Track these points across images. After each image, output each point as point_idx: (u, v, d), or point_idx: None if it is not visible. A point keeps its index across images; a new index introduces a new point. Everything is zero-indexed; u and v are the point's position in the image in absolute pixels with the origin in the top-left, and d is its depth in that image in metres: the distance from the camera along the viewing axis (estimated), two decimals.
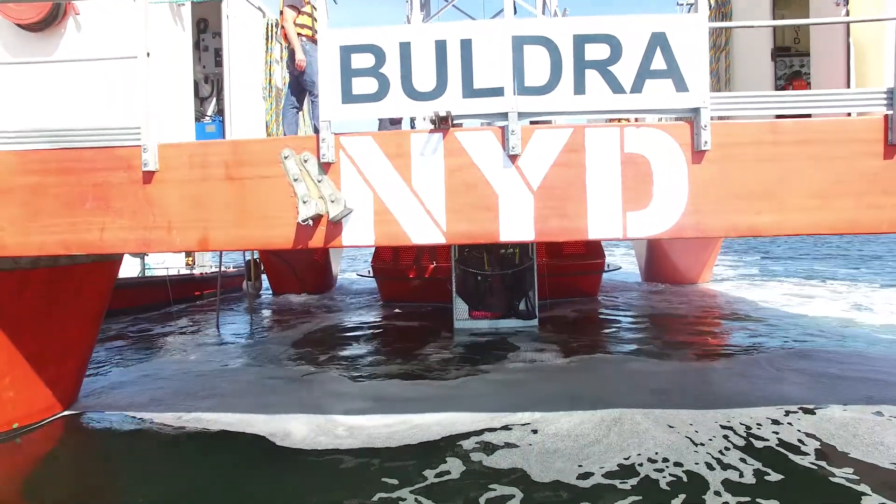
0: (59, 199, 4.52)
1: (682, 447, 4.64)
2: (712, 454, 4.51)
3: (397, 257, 13.70)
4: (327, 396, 6.30)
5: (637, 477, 4.16)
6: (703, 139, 4.19)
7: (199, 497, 4.11)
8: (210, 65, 8.27)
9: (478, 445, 4.81)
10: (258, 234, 4.45)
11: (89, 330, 6.36)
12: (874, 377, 6.44)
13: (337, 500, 3.95)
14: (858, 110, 4.33)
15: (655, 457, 4.48)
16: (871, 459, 4.37)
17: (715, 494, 3.87)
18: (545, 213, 4.28)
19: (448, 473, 4.35)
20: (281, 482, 4.27)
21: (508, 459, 4.52)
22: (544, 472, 4.26)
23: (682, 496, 3.87)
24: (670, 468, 4.29)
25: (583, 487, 4.03)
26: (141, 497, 4.06)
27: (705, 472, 4.22)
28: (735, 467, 4.28)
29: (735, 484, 4.02)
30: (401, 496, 3.99)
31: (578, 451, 4.62)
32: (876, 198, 4.22)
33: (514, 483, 4.14)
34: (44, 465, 4.98)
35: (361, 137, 4.38)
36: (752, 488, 3.96)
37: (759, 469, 4.24)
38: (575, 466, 4.35)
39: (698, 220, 4.28)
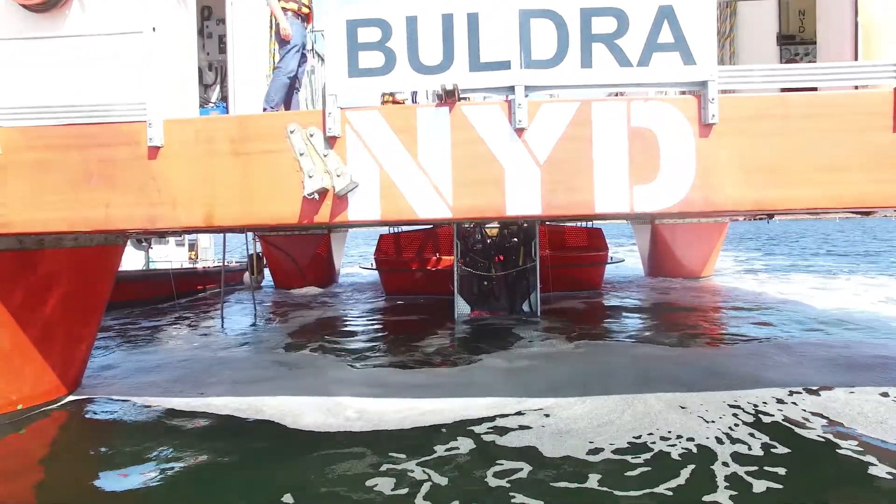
0: (63, 175, 4.51)
1: (692, 425, 4.65)
2: (722, 430, 4.52)
3: (400, 250, 13.69)
4: (334, 383, 6.25)
5: (649, 452, 4.15)
6: (711, 112, 4.16)
7: (212, 479, 4.04)
8: (214, 52, 8.26)
9: (490, 429, 4.78)
10: (264, 209, 4.43)
11: (93, 315, 6.35)
12: (883, 363, 6.41)
13: (349, 478, 3.91)
14: (866, 83, 4.30)
15: (668, 435, 4.47)
16: (876, 434, 4.38)
17: (723, 465, 3.88)
18: (552, 187, 4.26)
19: (457, 450, 4.34)
20: (295, 463, 4.21)
21: (520, 440, 4.51)
22: (555, 450, 4.25)
23: (692, 467, 3.87)
24: (682, 443, 4.29)
25: (593, 462, 4.02)
26: (148, 480, 4.02)
27: (715, 445, 4.22)
28: (744, 442, 4.27)
29: (743, 456, 4.02)
30: (407, 468, 3.98)
31: (591, 431, 4.60)
32: (884, 172, 4.20)
33: (524, 459, 4.12)
34: (47, 447, 4.94)
35: (368, 112, 4.37)
36: (760, 460, 3.96)
37: (766, 443, 4.24)
38: (586, 444, 4.34)
39: (706, 194, 4.26)
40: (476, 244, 10.80)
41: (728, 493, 3.50)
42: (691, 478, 3.74)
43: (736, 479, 3.68)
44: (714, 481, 3.67)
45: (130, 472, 4.14)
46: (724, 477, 3.72)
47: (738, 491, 3.54)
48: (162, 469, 4.18)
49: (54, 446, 4.95)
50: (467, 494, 3.61)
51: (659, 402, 5.16)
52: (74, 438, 5.08)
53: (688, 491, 3.57)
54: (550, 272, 11.17)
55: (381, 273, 13.95)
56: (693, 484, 3.66)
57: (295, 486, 3.79)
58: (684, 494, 3.53)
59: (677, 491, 3.57)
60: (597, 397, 5.37)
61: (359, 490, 3.70)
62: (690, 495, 3.51)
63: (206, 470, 4.19)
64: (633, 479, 3.75)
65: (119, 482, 4.07)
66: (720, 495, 3.48)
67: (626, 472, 3.83)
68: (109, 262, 6.47)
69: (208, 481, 4.01)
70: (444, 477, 3.87)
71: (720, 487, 3.58)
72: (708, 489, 3.57)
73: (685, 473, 3.79)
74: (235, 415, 5.31)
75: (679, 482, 3.68)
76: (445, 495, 3.61)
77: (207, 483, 3.98)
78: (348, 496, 3.64)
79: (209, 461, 4.32)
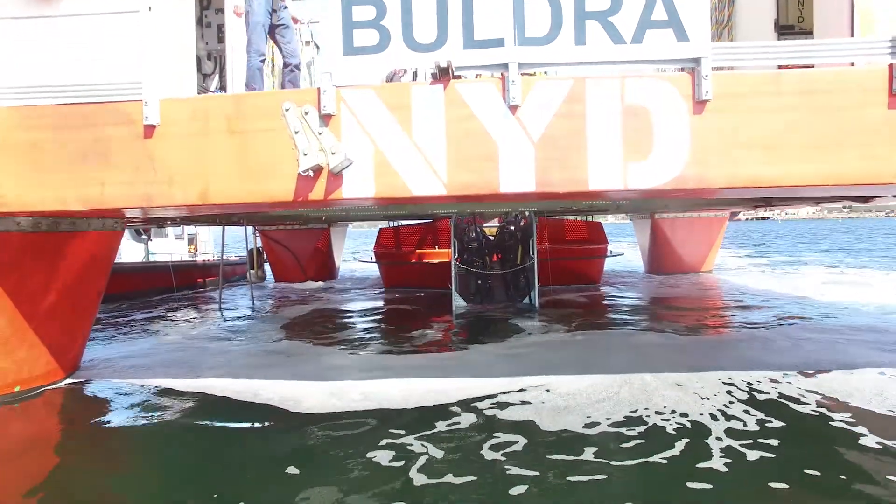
0: (59, 154, 4.53)
1: (688, 401, 4.68)
2: (717, 406, 4.54)
3: (399, 243, 13.71)
4: (334, 369, 6.22)
5: (644, 426, 4.18)
6: (705, 89, 4.17)
7: (211, 451, 4.04)
8: (213, 41, 8.28)
9: (492, 404, 4.80)
10: (259, 187, 4.45)
11: (90, 299, 6.37)
12: (881, 347, 6.41)
13: (349, 450, 3.91)
14: (862, 59, 4.30)
15: (663, 409, 4.50)
16: (869, 407, 4.42)
17: (717, 439, 3.88)
18: (546, 164, 4.27)
19: (458, 424, 4.36)
20: (296, 437, 4.19)
21: (519, 414, 4.54)
22: (553, 424, 4.28)
23: (686, 440, 3.88)
24: (676, 418, 4.31)
25: (589, 435, 4.05)
26: (146, 455, 4.02)
27: (709, 421, 4.23)
28: (738, 417, 4.29)
29: (738, 431, 4.04)
30: (407, 442, 4.00)
31: (588, 406, 4.63)
32: (879, 148, 4.20)
33: (522, 432, 4.15)
34: (45, 428, 4.94)
35: (363, 90, 4.38)
36: (754, 433, 3.97)
37: (760, 418, 4.26)
38: (583, 418, 4.37)
39: (699, 171, 4.26)
40: (472, 242, 10.75)
41: (722, 461, 3.52)
42: (686, 449, 3.75)
43: (730, 450, 3.70)
44: (709, 451, 3.69)
45: (128, 449, 4.15)
46: (718, 448, 3.73)
47: (732, 459, 3.55)
48: (160, 445, 4.19)
49: (51, 425, 4.97)
50: (463, 465, 3.62)
51: (655, 381, 5.19)
52: (72, 417, 5.10)
53: (682, 460, 3.59)
54: (550, 265, 11.16)
55: (381, 266, 13.96)
56: (687, 454, 3.67)
57: (295, 458, 3.79)
58: (678, 464, 3.54)
59: (671, 460, 3.59)
60: (595, 375, 5.39)
61: (358, 461, 3.72)
62: (684, 465, 3.53)
63: (205, 443, 4.20)
64: (627, 450, 3.77)
65: (117, 458, 4.08)
66: (714, 463, 3.50)
67: (621, 444, 3.86)
68: (107, 248, 6.48)
69: (207, 453, 4.01)
70: (441, 450, 3.88)
71: (715, 457, 3.59)
72: (702, 458, 3.59)
73: (679, 445, 3.80)
74: (234, 397, 5.28)
75: (674, 453, 3.70)
76: (442, 466, 3.63)
77: (206, 455, 3.98)
78: (346, 465, 3.65)
79: (208, 436, 4.33)
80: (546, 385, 5.23)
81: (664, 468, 3.50)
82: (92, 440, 4.50)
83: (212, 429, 4.50)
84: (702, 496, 3.15)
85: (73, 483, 3.62)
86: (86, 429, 4.75)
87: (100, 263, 6.42)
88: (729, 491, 3.20)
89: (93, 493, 3.46)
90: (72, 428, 4.85)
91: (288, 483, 3.48)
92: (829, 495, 3.16)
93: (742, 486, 3.26)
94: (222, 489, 3.38)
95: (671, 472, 3.45)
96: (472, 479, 3.42)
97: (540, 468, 3.54)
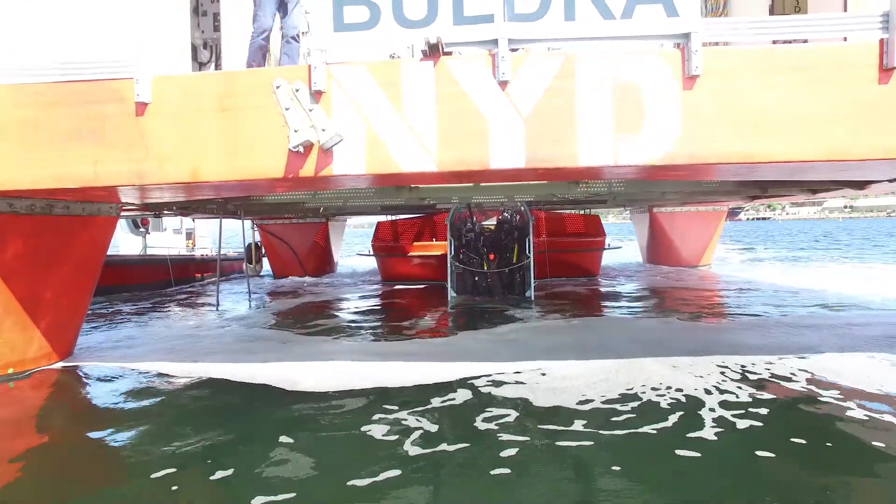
0: (51, 133, 4.54)
1: (683, 379, 4.71)
2: (710, 383, 4.57)
3: (397, 236, 13.71)
4: (331, 353, 6.19)
5: (638, 402, 4.20)
6: (695, 64, 4.17)
7: (208, 426, 3.99)
8: (209, 30, 8.29)
9: (490, 383, 4.81)
10: (250, 164, 4.45)
11: (85, 284, 6.38)
12: (875, 335, 6.39)
13: (344, 424, 3.94)
14: (854, 34, 4.29)
15: (658, 386, 4.53)
16: (858, 386, 4.44)
17: (710, 410, 3.92)
18: (536, 140, 4.27)
19: (453, 401, 4.37)
20: (292, 414, 4.19)
21: (515, 392, 4.55)
22: (547, 401, 4.30)
23: (680, 413, 3.90)
24: (671, 394, 4.34)
25: (582, 410, 4.06)
26: (142, 433, 3.98)
27: (703, 395, 4.26)
28: (731, 392, 4.32)
29: (730, 403, 4.06)
30: (401, 417, 4.00)
31: (584, 386, 4.64)
32: (871, 124, 4.19)
33: (514, 407, 4.17)
34: (40, 409, 4.90)
35: (353, 66, 4.38)
36: (745, 405, 4.00)
37: (752, 393, 4.28)
38: (578, 396, 4.38)
39: (690, 146, 4.26)
40: (469, 233, 10.69)
41: (713, 431, 3.54)
42: (678, 421, 3.77)
43: (721, 421, 3.72)
44: (700, 422, 3.71)
45: (123, 428, 4.08)
46: (710, 419, 3.75)
47: (724, 429, 3.58)
48: (155, 423, 4.16)
49: (45, 406, 4.95)
50: (455, 436, 3.64)
51: (654, 364, 5.20)
52: (63, 398, 5.08)
53: (673, 431, 3.61)
54: (548, 258, 11.15)
55: (378, 259, 13.96)
56: (679, 425, 3.70)
57: (290, 429, 3.81)
58: (669, 434, 3.57)
59: (662, 431, 3.61)
60: (592, 361, 5.38)
61: (352, 433, 3.73)
62: (675, 434, 3.55)
63: (201, 420, 4.18)
64: (618, 422, 3.78)
65: (112, 438, 3.99)
66: (705, 433, 3.52)
67: (612, 418, 3.87)
68: (102, 233, 6.50)
69: (203, 428, 3.97)
70: (436, 424, 3.90)
71: (706, 427, 3.62)
72: (693, 428, 3.61)
73: (672, 418, 3.82)
74: (231, 378, 5.25)
75: (665, 424, 3.72)
76: (434, 437, 3.65)
77: (203, 429, 3.96)
78: (339, 437, 3.67)
79: (204, 414, 4.31)
80: (543, 368, 5.23)
81: (653, 437, 3.52)
82: (82, 417, 4.50)
83: (209, 406, 4.49)
84: (690, 462, 3.15)
85: (56, 460, 3.59)
86: (77, 407, 4.76)
87: (94, 249, 6.44)
88: (717, 457, 3.20)
89: (83, 468, 3.45)
90: (61, 407, 4.83)
91: (284, 451, 3.49)
92: (815, 459, 3.18)
93: (731, 452, 3.27)
94: (219, 461, 3.37)
95: (661, 441, 3.47)
96: (464, 446, 3.44)
97: (530, 436, 3.55)
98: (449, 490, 2.97)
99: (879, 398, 4.14)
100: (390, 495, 2.90)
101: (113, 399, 4.82)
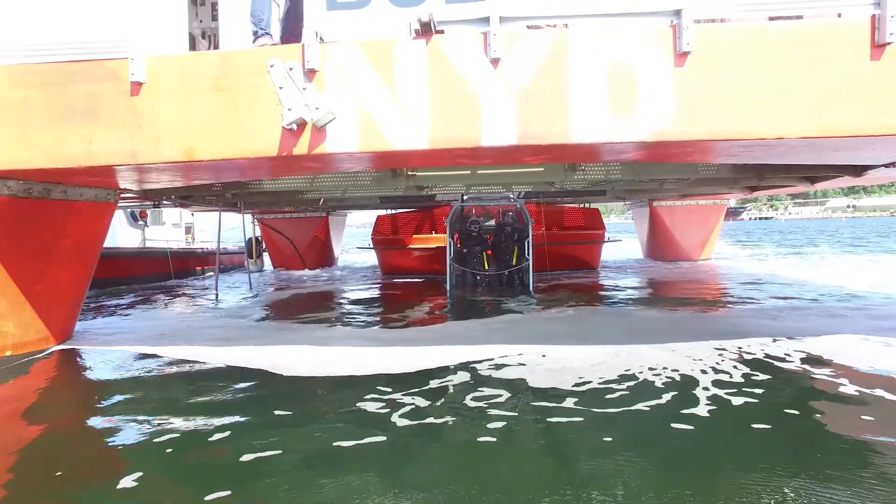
0: (46, 113, 4.57)
1: (680, 361, 4.71)
2: (706, 364, 4.59)
3: (396, 229, 13.73)
4: (328, 340, 6.15)
5: (634, 381, 4.20)
6: (686, 41, 4.17)
7: (204, 407, 3.98)
8: (207, 19, 8.31)
9: (490, 367, 4.81)
10: (244, 142, 4.47)
11: (82, 269, 6.41)
12: (869, 321, 6.38)
13: (340, 403, 3.95)
14: (847, 10, 4.29)
15: (655, 366, 4.55)
16: (851, 363, 4.45)
17: (703, 389, 3.92)
18: (528, 118, 4.29)
19: (450, 382, 4.39)
20: (288, 395, 4.19)
21: (513, 373, 4.56)
22: (544, 382, 4.29)
23: (674, 393, 3.90)
24: (667, 373, 4.36)
25: (577, 390, 4.05)
26: (137, 414, 3.96)
27: (699, 375, 4.27)
28: (725, 371, 4.33)
29: (724, 382, 4.07)
30: (395, 397, 4.01)
31: (583, 369, 4.64)
32: (863, 100, 4.19)
33: (508, 388, 4.17)
34: (35, 389, 4.90)
35: (346, 45, 4.40)
36: (739, 384, 4.00)
37: (746, 372, 4.28)
38: (576, 377, 4.37)
39: (682, 124, 4.27)
40: (472, 226, 10.64)
41: (707, 408, 3.55)
42: (672, 399, 3.78)
43: (715, 398, 3.73)
44: (695, 399, 3.72)
45: (119, 409, 4.05)
46: (705, 397, 3.77)
47: (717, 406, 3.59)
48: (149, 405, 4.12)
49: (42, 389, 4.95)
50: (445, 412, 3.65)
51: (653, 350, 5.19)
52: (62, 381, 5.08)
53: (667, 407, 3.62)
54: (547, 250, 11.13)
55: (378, 252, 13.99)
56: (673, 402, 3.70)
57: (286, 407, 3.83)
58: (663, 409, 3.58)
59: (654, 408, 3.61)
60: (591, 346, 5.38)
61: (344, 411, 3.75)
62: (669, 410, 3.56)
63: (197, 402, 4.14)
64: (612, 400, 3.78)
65: (108, 420, 3.93)
66: (699, 409, 3.53)
67: (606, 396, 3.87)
68: (99, 219, 6.53)
69: (199, 409, 3.96)
70: (428, 400, 3.92)
71: (700, 404, 3.62)
72: (688, 405, 3.61)
73: (667, 396, 3.82)
74: (228, 363, 5.21)
75: (659, 402, 3.72)
76: (424, 412, 3.67)
77: (198, 409, 3.96)
78: (330, 415, 3.68)
79: (200, 396, 4.27)
80: (544, 351, 5.23)
81: (647, 413, 3.53)
82: (77, 398, 4.51)
83: (201, 388, 4.48)
84: (682, 435, 3.16)
85: (52, 442, 3.55)
86: (73, 388, 4.78)
87: (92, 234, 6.47)
88: (710, 430, 3.22)
89: (78, 449, 3.40)
90: (58, 388, 4.82)
91: (275, 421, 3.53)
92: (808, 432, 3.18)
93: (724, 426, 3.29)
94: (211, 434, 3.39)
95: (654, 416, 3.48)
96: (450, 420, 3.45)
97: (520, 411, 3.56)
98: (431, 453, 3.01)
99: (871, 376, 4.15)
100: (372, 454, 2.99)
101: (108, 381, 4.83)
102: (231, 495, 2.58)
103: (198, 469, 2.93)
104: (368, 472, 2.75)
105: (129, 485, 2.73)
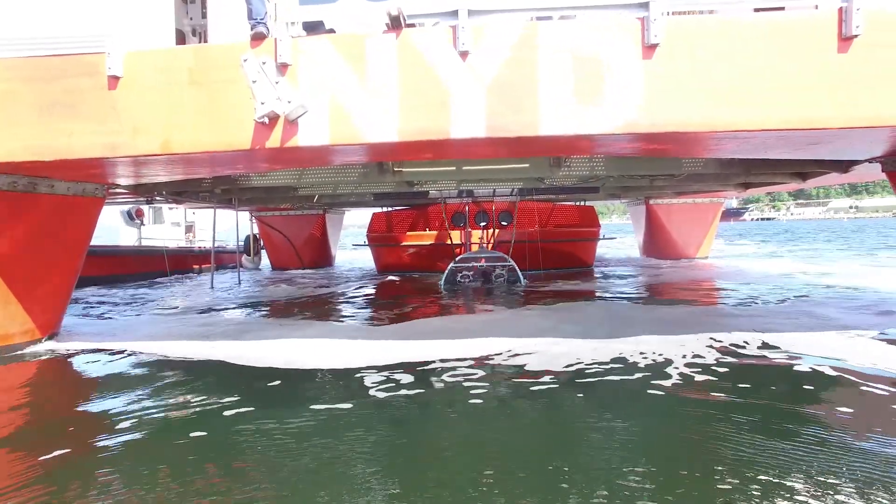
0: (27, 106, 4.66)
1: (668, 348, 4.95)
2: (689, 349, 4.87)
3: (391, 227, 13.80)
4: (326, 334, 6.15)
5: (622, 364, 4.46)
6: (654, 32, 4.21)
7: (199, 398, 3.97)
8: (197, 16, 8.42)
9: (485, 356, 4.91)
10: (219, 136, 4.55)
11: (70, 263, 6.49)
12: (864, 312, 6.40)
13: (334, 390, 4.04)
14: (818, 1, 4.30)
15: (645, 350, 4.86)
16: (819, 354, 4.60)
17: (675, 367, 4.28)
18: (497, 110, 4.33)
19: (449, 371, 4.46)
20: (284, 384, 4.25)
21: (512, 362, 4.70)
22: (540, 366, 4.47)
23: (650, 372, 4.20)
24: (653, 356, 4.67)
25: (567, 372, 4.27)
26: (127, 408, 3.94)
27: (678, 358, 4.57)
28: (700, 355, 4.63)
29: (697, 364, 4.38)
30: (379, 380, 4.12)
31: (579, 354, 4.81)
32: (831, 93, 4.21)
33: (501, 370, 4.37)
34: (22, 383, 4.91)
35: (318, 40, 4.47)
36: (709, 366, 4.30)
37: (718, 357, 4.55)
38: (572, 360, 4.59)
39: (652, 115, 4.30)
40: (463, 277, 10.67)
41: (672, 381, 3.91)
42: (646, 373, 4.12)
43: (683, 375, 4.08)
44: (666, 375, 4.07)
45: (106, 403, 4.05)
46: (675, 374, 4.11)
47: (682, 381, 3.93)
48: (141, 398, 4.12)
49: (29, 383, 4.99)
50: (424, 385, 3.85)
51: (651, 340, 5.33)
52: (47, 374, 5.12)
53: (639, 381, 3.97)
54: (542, 248, 11.16)
55: (373, 249, 14.06)
56: (645, 377, 4.04)
57: (282, 393, 3.99)
58: (634, 382, 3.94)
59: (627, 381, 3.96)
60: (586, 340, 5.42)
61: (342, 393, 3.89)
62: (640, 383, 3.91)
63: (191, 395, 4.12)
64: (589, 373, 4.10)
65: (96, 413, 3.93)
66: (664, 382, 3.89)
67: (586, 373, 4.15)
68: (87, 213, 6.62)
69: (193, 402, 3.93)
70: (421, 381, 4.09)
71: (671, 378, 4.00)
72: (658, 379, 3.97)
73: (642, 371, 4.16)
74: (223, 359, 5.15)
75: (635, 377, 4.04)
76: (403, 385, 3.89)
77: (194, 397, 3.99)
78: (319, 396, 3.82)
79: (193, 390, 4.24)
80: (545, 343, 5.31)
81: (617, 384, 3.85)
82: (63, 391, 4.56)
83: (196, 382, 4.48)
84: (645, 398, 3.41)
85: (36, 432, 3.55)
86: (58, 381, 4.84)
87: (80, 229, 6.56)
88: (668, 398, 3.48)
89: (62, 439, 3.36)
90: (43, 382, 4.88)
91: (264, 401, 3.66)
92: (756, 402, 3.48)
93: (680, 395, 3.59)
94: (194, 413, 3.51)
95: (623, 387, 3.82)
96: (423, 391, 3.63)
97: (498, 386, 3.83)
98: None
99: (841, 367, 4.23)
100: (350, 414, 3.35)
101: (95, 374, 4.89)
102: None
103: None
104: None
105: (106, 477, 2.74)
